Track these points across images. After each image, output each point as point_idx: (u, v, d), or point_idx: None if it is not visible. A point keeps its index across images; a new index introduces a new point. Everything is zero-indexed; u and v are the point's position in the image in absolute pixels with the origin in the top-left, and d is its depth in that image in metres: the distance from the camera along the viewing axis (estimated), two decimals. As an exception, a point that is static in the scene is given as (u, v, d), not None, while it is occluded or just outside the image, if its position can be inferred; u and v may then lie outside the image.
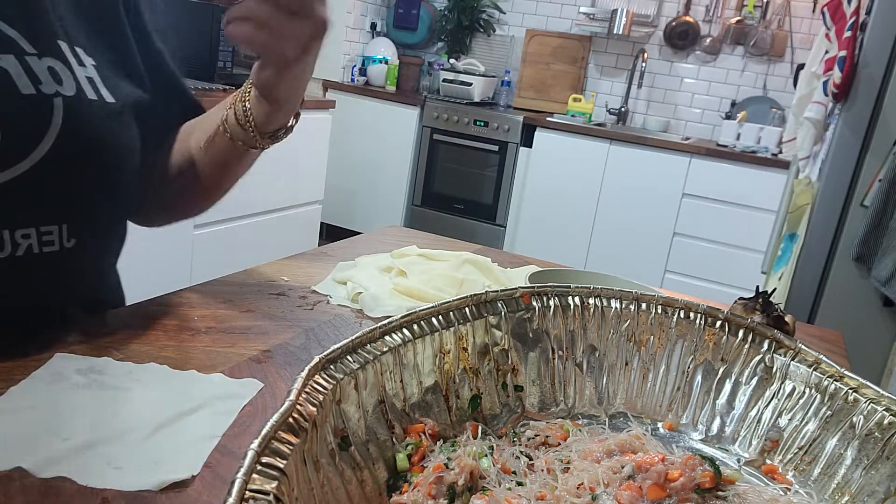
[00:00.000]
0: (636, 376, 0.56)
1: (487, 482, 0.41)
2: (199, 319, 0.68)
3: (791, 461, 0.49)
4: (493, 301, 0.53)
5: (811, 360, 0.52)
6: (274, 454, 0.31)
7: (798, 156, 2.42)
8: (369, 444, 0.42)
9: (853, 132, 2.05)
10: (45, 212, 0.62)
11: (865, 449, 0.46)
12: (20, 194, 0.59)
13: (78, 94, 0.62)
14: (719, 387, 0.54)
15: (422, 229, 1.22)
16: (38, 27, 0.62)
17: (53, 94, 0.60)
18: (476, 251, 1.03)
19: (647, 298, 0.57)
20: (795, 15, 3.49)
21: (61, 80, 0.61)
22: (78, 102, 0.62)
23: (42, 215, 0.61)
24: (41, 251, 0.61)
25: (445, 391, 0.49)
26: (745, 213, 3.10)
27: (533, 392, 0.54)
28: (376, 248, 0.99)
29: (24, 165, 0.58)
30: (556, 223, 3.45)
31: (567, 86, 3.91)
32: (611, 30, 3.67)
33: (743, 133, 3.33)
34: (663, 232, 3.26)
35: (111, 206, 0.70)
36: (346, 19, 3.89)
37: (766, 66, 3.57)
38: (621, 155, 3.27)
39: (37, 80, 0.60)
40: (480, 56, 4.09)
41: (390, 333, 0.46)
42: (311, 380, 0.38)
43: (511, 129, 3.47)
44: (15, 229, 0.59)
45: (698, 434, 0.53)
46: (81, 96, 0.63)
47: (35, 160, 0.59)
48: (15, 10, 0.60)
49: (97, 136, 0.64)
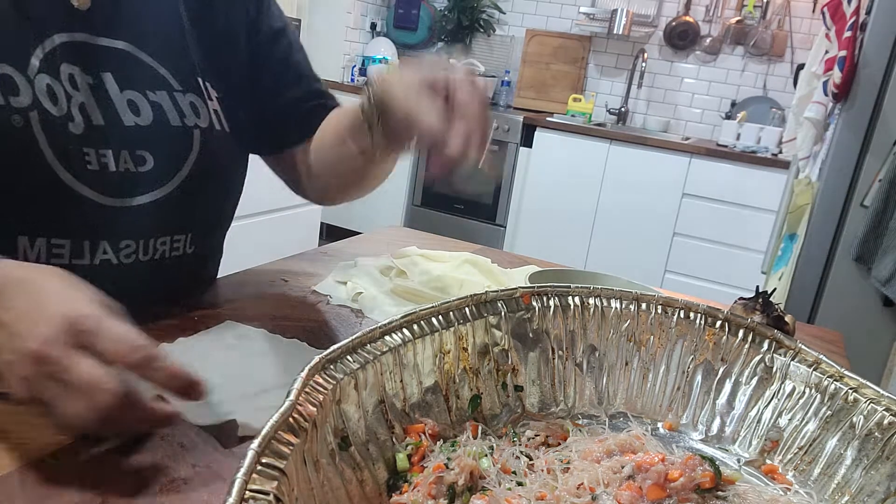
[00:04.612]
0: (636, 376, 0.56)
1: (487, 482, 0.41)
2: (198, 319, 0.69)
3: (791, 461, 0.49)
4: (493, 301, 0.53)
5: (811, 360, 0.52)
6: (274, 454, 0.31)
7: (798, 156, 2.42)
8: (369, 444, 0.42)
9: (853, 132, 2.05)
10: (178, 224, 0.73)
11: (865, 449, 0.46)
12: (164, 210, 0.70)
13: (210, 126, 0.73)
14: (719, 387, 0.54)
15: (422, 229, 1.22)
16: (182, 65, 0.72)
17: (193, 126, 0.71)
18: (476, 251, 1.03)
19: (647, 298, 0.57)
20: (795, 15, 3.48)
21: (199, 114, 0.72)
22: (210, 133, 0.73)
23: (175, 227, 0.73)
24: (170, 256, 0.73)
25: (445, 391, 0.49)
26: (745, 213, 3.10)
27: (533, 392, 0.54)
28: (376, 249, 0.99)
29: (170, 186, 0.70)
30: (556, 223, 3.44)
31: (567, 86, 3.91)
32: (611, 30, 3.67)
33: (743, 133, 3.32)
34: (663, 232, 3.26)
35: (223, 216, 0.83)
36: (346, 19, 3.89)
37: (766, 66, 3.57)
38: (621, 155, 3.27)
39: (182, 114, 0.71)
40: (480, 56, 4.09)
41: (390, 333, 0.46)
42: (311, 380, 0.38)
43: (511, 129, 3.47)
44: (158, 238, 0.71)
45: (698, 434, 0.53)
46: (212, 127, 0.73)
47: (178, 182, 0.70)
48: (165, 51, 0.71)
49: (221, 162, 0.76)
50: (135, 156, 0.67)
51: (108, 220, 0.66)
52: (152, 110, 0.68)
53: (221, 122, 0.75)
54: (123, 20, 0.68)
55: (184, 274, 0.76)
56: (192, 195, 0.72)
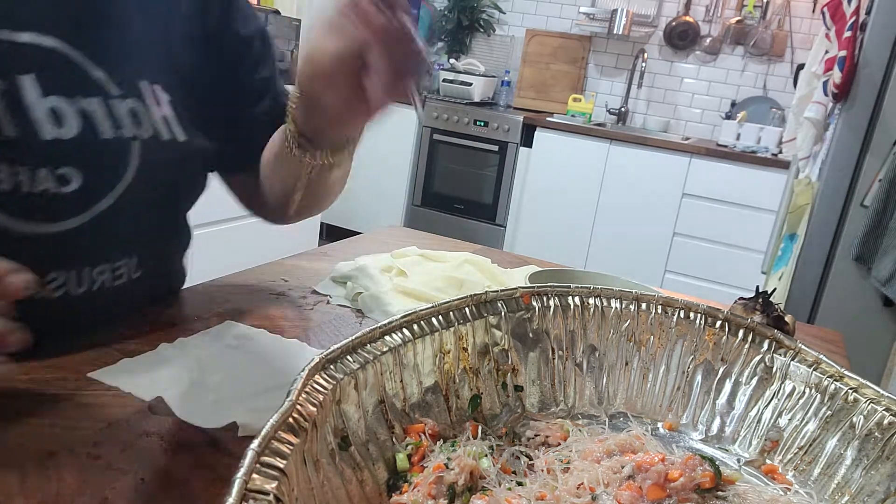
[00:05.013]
0: (636, 376, 0.56)
1: (487, 482, 0.41)
2: (198, 319, 0.68)
3: (791, 461, 0.49)
4: (493, 301, 0.53)
5: (811, 360, 0.52)
6: (274, 454, 0.31)
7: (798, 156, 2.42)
8: (369, 444, 0.42)
9: (853, 132, 2.05)
10: (119, 248, 0.64)
11: (865, 449, 0.46)
12: (99, 233, 0.61)
13: (154, 136, 0.63)
14: (719, 387, 0.54)
15: (422, 229, 1.22)
16: (124, 67, 0.62)
17: (131, 137, 0.62)
18: (476, 251, 1.03)
19: (647, 298, 0.57)
20: (795, 15, 3.48)
21: (140, 123, 0.62)
22: (153, 143, 0.63)
23: (116, 251, 0.64)
24: (113, 285, 0.64)
25: (445, 391, 0.49)
26: (745, 213, 3.10)
27: (533, 392, 0.54)
28: (376, 248, 0.99)
29: (102, 205, 0.61)
30: (556, 223, 3.44)
31: (567, 86, 3.91)
32: (611, 30, 3.67)
33: (743, 133, 3.33)
34: (663, 232, 3.26)
35: (177, 230, 0.74)
36: (346, 19, 3.89)
37: (766, 66, 3.57)
38: (621, 155, 3.27)
39: (118, 124, 0.61)
40: (480, 56, 4.09)
41: (390, 333, 0.46)
42: (311, 380, 0.38)
43: (511, 129, 3.47)
44: (94, 266, 0.62)
45: (698, 434, 0.53)
46: (157, 138, 0.64)
47: (111, 201, 0.61)
48: (104, 50, 0.60)
49: (169, 175, 0.67)
50: (56, 174, 0.57)
51: (25, 251, 0.55)
52: (79, 120, 0.58)
53: (172, 129, 0.65)
54: (55, 12, 0.57)
55: (132, 304, 0.67)
56: (133, 214, 0.63)
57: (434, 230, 1.30)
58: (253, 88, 0.76)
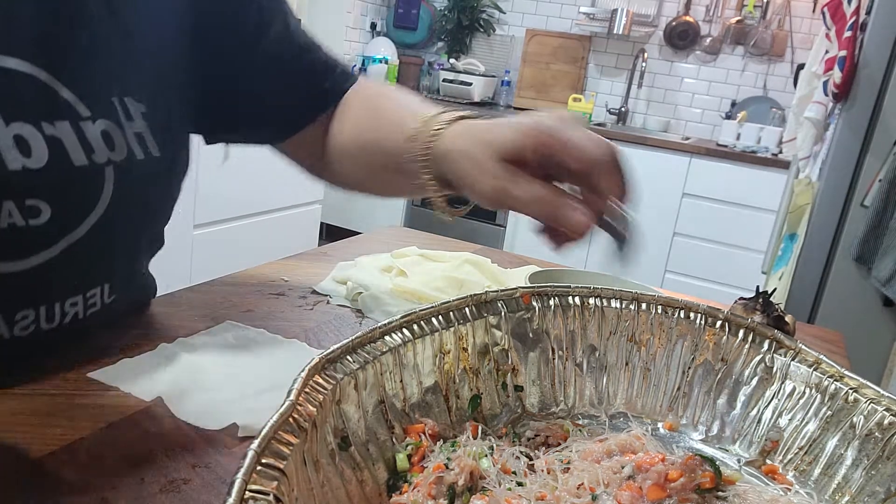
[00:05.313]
0: (636, 376, 0.56)
1: (487, 482, 0.41)
2: (198, 319, 0.68)
3: (791, 461, 0.49)
4: (493, 301, 0.53)
5: (811, 360, 0.52)
6: (274, 454, 0.31)
7: (798, 156, 2.42)
8: (369, 444, 0.42)
9: (853, 132, 2.05)
10: (92, 278, 0.60)
11: (866, 449, 0.46)
12: (71, 265, 0.56)
13: (129, 157, 0.59)
14: (719, 387, 0.54)
15: (422, 229, 1.22)
16: (95, 84, 0.56)
17: (105, 162, 0.56)
18: (476, 251, 1.03)
19: (647, 298, 0.57)
20: (795, 15, 3.49)
21: (113, 145, 0.57)
22: (128, 165, 0.58)
23: (88, 281, 0.60)
24: (86, 315, 0.60)
25: (445, 391, 0.49)
26: (745, 213, 3.10)
27: (533, 392, 0.54)
28: (376, 248, 0.99)
29: (73, 237, 0.56)
30: (556, 223, 3.44)
31: (567, 86, 3.91)
32: (611, 30, 3.67)
33: (743, 133, 3.33)
34: (663, 232, 3.26)
35: (152, 242, 0.72)
36: (346, 19, 3.89)
37: (766, 66, 3.57)
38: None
39: (90, 150, 0.55)
40: (480, 56, 4.09)
41: (390, 333, 0.46)
42: (310, 380, 0.38)
43: (511, 129, 3.47)
44: (65, 300, 0.57)
45: (698, 434, 0.53)
46: (132, 158, 0.59)
47: (84, 231, 0.56)
48: (73, 68, 0.54)
49: (145, 195, 0.63)
50: (24, 207, 0.52)
51: None
52: (48, 148, 0.52)
53: (146, 145, 0.60)
54: (18, 31, 0.51)
55: (105, 325, 0.64)
56: (107, 241, 0.59)
57: (434, 230, 1.30)
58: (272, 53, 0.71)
